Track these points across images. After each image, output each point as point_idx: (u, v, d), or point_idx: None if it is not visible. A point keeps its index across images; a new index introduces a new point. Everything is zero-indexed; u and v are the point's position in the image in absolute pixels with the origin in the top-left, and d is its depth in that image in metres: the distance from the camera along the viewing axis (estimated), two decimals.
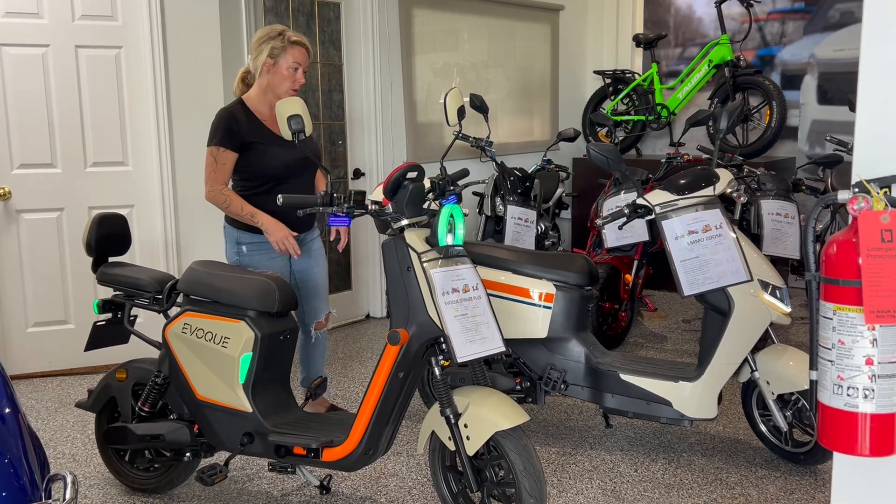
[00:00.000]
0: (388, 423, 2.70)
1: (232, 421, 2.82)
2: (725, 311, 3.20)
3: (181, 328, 2.88)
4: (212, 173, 3.25)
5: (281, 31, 3.31)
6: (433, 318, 2.55)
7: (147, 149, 4.54)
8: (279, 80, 3.31)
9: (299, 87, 3.35)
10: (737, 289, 3.17)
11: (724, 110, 3.54)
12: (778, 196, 4.59)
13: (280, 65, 3.29)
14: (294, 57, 3.29)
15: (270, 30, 3.33)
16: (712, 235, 3.20)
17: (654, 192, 3.33)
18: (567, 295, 3.40)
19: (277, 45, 3.28)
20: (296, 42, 3.30)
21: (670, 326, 5.48)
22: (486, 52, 6.42)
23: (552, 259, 3.47)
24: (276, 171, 3.30)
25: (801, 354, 3.22)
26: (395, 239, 2.63)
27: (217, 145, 3.25)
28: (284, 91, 3.33)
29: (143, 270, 3.11)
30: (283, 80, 3.31)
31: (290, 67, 3.29)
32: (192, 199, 4.61)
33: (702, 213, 3.22)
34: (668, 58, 7.15)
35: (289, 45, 3.29)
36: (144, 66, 4.46)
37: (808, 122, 6.50)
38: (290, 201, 2.57)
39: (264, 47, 3.29)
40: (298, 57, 3.31)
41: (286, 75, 3.30)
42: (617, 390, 3.36)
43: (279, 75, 3.30)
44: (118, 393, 3.06)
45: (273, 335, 2.82)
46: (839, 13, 6.28)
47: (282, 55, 3.28)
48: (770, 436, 3.40)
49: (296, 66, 3.30)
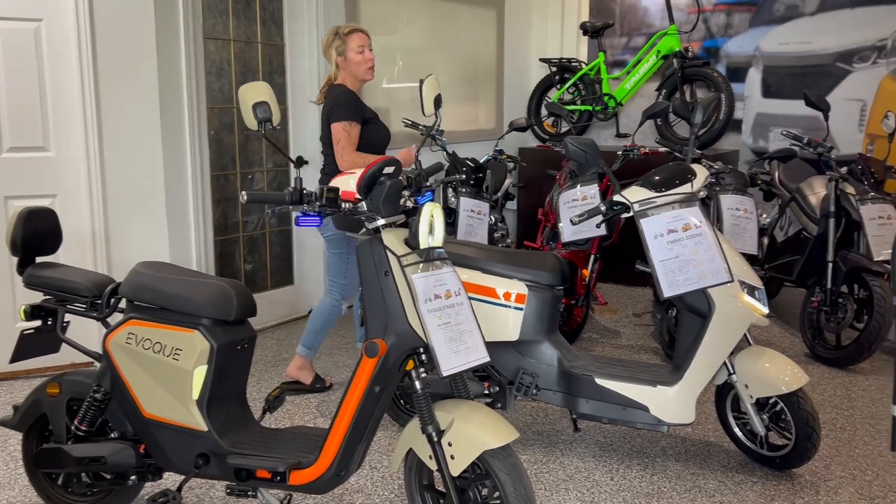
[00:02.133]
0: (362, 440, 2.47)
1: (184, 441, 2.53)
2: (704, 312, 3.08)
3: (125, 338, 2.57)
4: (346, 145, 3.65)
5: (335, 30, 3.78)
6: (414, 328, 2.33)
7: (72, 132, 4.13)
8: (355, 67, 3.75)
9: (373, 63, 3.77)
10: (717, 290, 3.05)
11: (699, 104, 3.42)
12: (736, 191, 4.54)
13: (349, 56, 3.73)
14: (355, 42, 3.73)
15: (328, 36, 3.81)
16: (692, 234, 3.08)
17: (632, 189, 3.19)
18: (539, 295, 3.22)
19: (338, 43, 3.75)
20: (350, 31, 3.75)
21: (621, 320, 5.40)
22: (431, 37, 6.18)
23: (523, 257, 3.28)
24: (383, 143, 3.77)
25: (779, 357, 3.14)
26: (370, 240, 2.40)
27: (350, 120, 3.66)
28: (364, 72, 3.77)
29: (78, 272, 2.77)
30: (358, 65, 3.75)
31: (356, 52, 3.72)
32: (124, 189, 4.23)
33: (681, 211, 3.10)
34: (613, 47, 7.07)
35: (345, 36, 3.74)
36: (69, 41, 4.04)
37: (752, 114, 6.52)
38: (255, 198, 2.30)
39: (331, 52, 3.78)
40: (358, 41, 3.73)
41: (358, 60, 3.73)
42: (592, 395, 3.20)
43: (353, 63, 3.75)
44: (50, 410, 2.72)
45: (230, 345, 2.54)
46: (784, 7, 6.30)
47: (346, 48, 3.74)
48: (745, 439, 3.32)
49: (360, 49, 3.73)
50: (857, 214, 4.42)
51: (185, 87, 4.38)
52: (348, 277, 3.88)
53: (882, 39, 5.98)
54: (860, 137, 6.11)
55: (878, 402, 3.98)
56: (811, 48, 6.22)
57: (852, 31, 6.07)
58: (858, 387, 4.20)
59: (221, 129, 4.82)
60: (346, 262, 3.86)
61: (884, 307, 4.17)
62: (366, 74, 3.79)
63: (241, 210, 5.02)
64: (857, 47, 6.06)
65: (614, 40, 7.04)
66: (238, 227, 5.02)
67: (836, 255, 4.45)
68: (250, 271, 5.12)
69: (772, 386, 3.06)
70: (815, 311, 4.56)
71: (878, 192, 4.58)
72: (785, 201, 5.20)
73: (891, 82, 5.98)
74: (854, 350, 4.31)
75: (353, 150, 3.68)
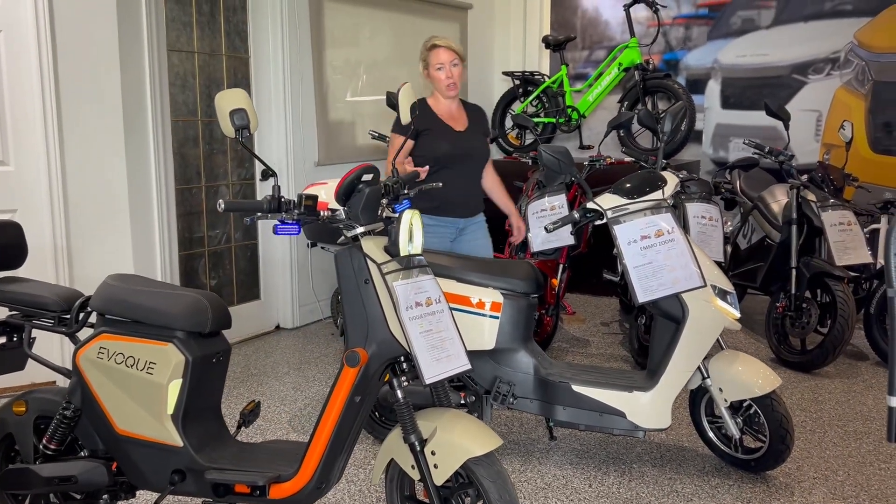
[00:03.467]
0: (342, 451, 2.43)
1: (159, 457, 2.47)
2: (678, 318, 3.11)
3: (96, 353, 2.50)
4: (389, 153, 3.90)
5: (427, 41, 3.81)
6: (395, 336, 2.30)
7: (32, 146, 4.03)
8: (435, 81, 3.79)
9: (452, 82, 3.74)
10: (690, 295, 3.08)
11: (668, 113, 3.47)
12: (702, 199, 4.61)
13: (430, 71, 3.78)
14: (437, 59, 3.74)
15: (422, 45, 3.83)
16: (665, 240, 3.11)
17: (604, 196, 3.22)
18: (514, 303, 3.21)
19: (423, 53, 3.80)
20: (434, 45, 3.76)
21: (590, 329, 5.43)
22: (395, 50, 6.19)
23: (498, 266, 3.28)
24: (441, 156, 3.72)
25: (752, 360, 3.18)
26: (350, 248, 2.37)
27: (393, 131, 3.80)
28: (443, 88, 3.77)
29: (45, 286, 2.69)
30: (437, 81, 3.77)
31: (435, 68, 3.75)
32: (87, 202, 4.14)
33: (653, 218, 3.13)
34: (574, 60, 7.15)
35: (429, 52, 3.76)
36: (29, 53, 3.95)
37: (711, 125, 6.64)
38: (232, 206, 2.25)
39: (420, 60, 3.83)
40: (440, 58, 3.73)
41: (438, 76, 3.76)
42: (568, 402, 3.20)
43: (433, 77, 3.79)
44: (17, 429, 2.63)
45: (205, 358, 2.49)
46: (741, 20, 6.45)
47: (429, 61, 3.76)
48: (719, 443, 3.35)
49: (440, 66, 3.73)
50: (818, 221, 4.52)
51: (150, 100, 4.31)
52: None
53: (835, 52, 6.16)
54: (817, 147, 6.26)
55: (844, 405, 4.06)
56: (768, 60, 6.37)
57: (806, 44, 6.23)
58: (825, 389, 4.27)
59: (186, 142, 4.75)
60: None
61: (847, 311, 4.26)
62: (444, 91, 3.77)
63: (205, 224, 4.94)
64: (812, 59, 6.23)
65: (576, 53, 7.13)
66: (203, 242, 4.94)
67: (799, 262, 4.54)
68: (216, 286, 5.03)
69: (746, 389, 3.10)
70: (780, 317, 4.64)
71: (838, 199, 4.69)
72: (747, 209, 5.30)
73: (845, 93, 6.15)
74: (819, 354, 4.39)
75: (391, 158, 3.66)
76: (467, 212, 3.85)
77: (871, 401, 4.11)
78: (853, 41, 6.08)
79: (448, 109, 3.85)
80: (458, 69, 3.75)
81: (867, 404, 4.06)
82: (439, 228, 3.80)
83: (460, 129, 3.82)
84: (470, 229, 3.88)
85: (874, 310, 4.62)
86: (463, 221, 3.84)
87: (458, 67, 3.76)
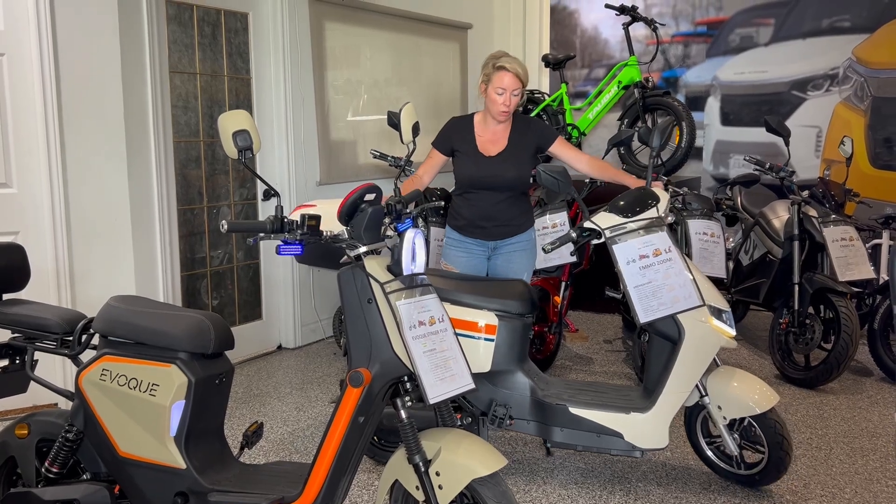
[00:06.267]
0: (346, 472, 2.42)
1: (162, 479, 2.45)
2: (675, 338, 3.10)
3: (99, 375, 2.49)
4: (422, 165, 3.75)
5: (497, 55, 3.56)
6: (399, 356, 2.30)
7: (35, 168, 4.04)
8: (490, 101, 3.56)
9: (507, 110, 3.53)
10: (686, 315, 3.08)
11: (655, 128, 3.49)
12: (703, 216, 4.61)
13: (489, 91, 3.55)
14: (499, 82, 3.50)
15: (491, 56, 3.59)
16: (663, 260, 3.11)
17: (600, 215, 3.22)
18: (509, 325, 3.20)
19: (488, 69, 3.55)
20: (500, 67, 3.49)
21: (593, 347, 5.41)
22: (396, 70, 6.22)
23: (492, 287, 3.27)
24: (466, 179, 3.65)
25: (749, 376, 3.18)
26: (352, 268, 2.37)
27: (433, 145, 3.75)
28: (496, 112, 3.56)
29: (48, 308, 2.69)
30: (493, 103, 3.55)
31: (496, 91, 3.51)
32: (89, 224, 4.14)
33: (651, 237, 3.13)
34: (574, 78, 7.18)
35: (494, 70, 3.51)
36: (32, 75, 3.97)
37: (712, 142, 6.66)
38: (235, 227, 2.26)
39: (483, 72, 3.60)
40: (504, 83, 3.49)
41: (494, 98, 3.53)
42: (566, 424, 3.20)
43: (490, 98, 3.56)
44: (19, 452, 2.62)
45: (208, 379, 2.48)
46: (739, 38, 6.48)
47: (491, 79, 3.52)
48: (718, 461, 3.33)
49: (501, 91, 3.50)
50: (820, 237, 4.52)
51: (152, 121, 4.33)
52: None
53: (833, 68, 6.18)
54: (817, 163, 6.27)
55: (849, 421, 4.03)
56: (767, 77, 6.40)
57: (805, 60, 6.26)
58: (830, 406, 4.25)
59: (188, 163, 4.76)
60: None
61: (850, 327, 4.25)
62: (496, 115, 3.59)
63: (208, 244, 4.95)
64: (811, 76, 6.25)
65: (575, 72, 7.16)
66: (205, 262, 4.94)
67: (802, 277, 4.54)
68: (217, 306, 5.03)
69: (745, 406, 3.09)
70: (784, 333, 4.63)
71: (839, 215, 4.69)
72: (749, 225, 5.30)
73: (844, 109, 6.17)
74: (823, 370, 4.38)
75: (421, 170, 3.75)
76: (493, 235, 3.72)
77: (876, 417, 4.08)
78: (851, 57, 6.11)
79: (492, 131, 3.69)
80: (517, 98, 3.55)
81: (873, 420, 4.04)
82: (469, 245, 3.75)
83: (494, 153, 3.65)
84: (504, 250, 3.75)
85: (878, 325, 4.61)
86: (493, 243, 3.74)
87: (518, 97, 3.55)
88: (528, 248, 3.79)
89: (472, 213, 3.69)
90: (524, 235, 3.77)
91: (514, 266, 3.75)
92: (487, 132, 3.69)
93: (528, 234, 3.78)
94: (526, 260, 3.78)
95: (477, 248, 3.76)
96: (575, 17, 7.18)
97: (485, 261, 3.78)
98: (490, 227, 3.70)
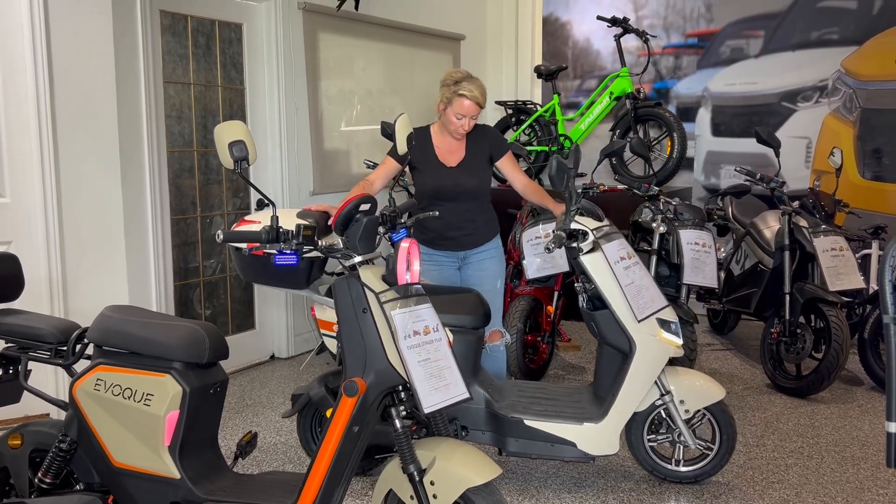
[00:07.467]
0: (341, 482, 2.42)
1: (156, 490, 2.45)
2: (626, 350, 3.22)
3: (93, 385, 2.49)
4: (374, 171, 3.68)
5: (458, 79, 3.55)
6: (393, 365, 2.31)
7: (28, 178, 4.03)
8: (448, 121, 3.60)
9: (464, 132, 3.60)
10: (637, 330, 3.19)
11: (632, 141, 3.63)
12: (695, 226, 4.64)
13: (448, 112, 3.57)
14: (459, 108, 3.53)
15: (450, 75, 3.60)
16: (636, 262, 3.37)
17: (582, 218, 3.31)
18: (463, 339, 3.26)
19: (449, 94, 3.55)
20: (461, 94, 3.51)
21: (585, 356, 5.43)
22: (389, 80, 6.25)
23: (444, 302, 3.31)
24: (430, 191, 3.67)
25: (697, 373, 3.35)
26: (348, 278, 2.38)
27: (388, 153, 3.66)
28: (453, 131, 3.62)
29: (42, 318, 2.69)
30: (451, 124, 3.59)
31: (455, 116, 3.55)
32: (83, 234, 4.14)
33: (622, 240, 3.32)
34: (566, 89, 7.23)
35: (454, 96, 3.53)
36: (26, 87, 3.97)
37: (703, 153, 6.71)
38: (231, 237, 2.27)
39: (443, 90, 3.59)
40: (464, 109, 3.53)
41: (452, 121, 3.57)
42: (521, 435, 3.27)
43: (448, 118, 3.59)
44: (12, 462, 2.61)
45: (203, 389, 2.49)
46: (730, 49, 6.54)
47: (451, 103, 3.55)
48: (659, 461, 3.40)
49: (460, 116, 3.54)
50: (811, 247, 4.55)
51: (146, 131, 4.33)
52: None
53: (823, 80, 6.24)
54: (807, 174, 6.33)
55: (840, 430, 4.06)
56: (757, 88, 6.45)
57: (795, 72, 6.32)
58: (821, 415, 4.28)
59: (182, 173, 4.76)
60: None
61: (841, 336, 4.28)
62: (452, 135, 3.65)
63: (201, 254, 4.95)
64: (801, 87, 6.31)
65: (568, 83, 7.21)
66: (199, 272, 4.94)
67: (793, 287, 4.57)
68: (210, 316, 5.02)
69: (706, 396, 3.25)
70: (775, 343, 4.66)
71: (829, 225, 4.73)
72: (740, 236, 5.34)
73: (833, 120, 6.23)
74: (814, 379, 4.40)
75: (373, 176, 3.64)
76: (462, 245, 3.75)
77: (867, 426, 4.11)
78: (840, 69, 6.17)
79: (449, 142, 3.73)
80: (475, 121, 3.61)
81: (863, 429, 4.06)
82: (439, 258, 3.76)
83: (453, 164, 3.70)
84: (473, 259, 3.78)
85: (868, 335, 4.64)
86: (462, 253, 3.77)
87: (476, 119, 3.61)
88: (497, 255, 3.83)
89: (438, 225, 3.69)
90: (492, 243, 3.82)
91: (488, 273, 3.77)
92: (445, 143, 3.72)
93: (495, 241, 3.84)
94: (497, 266, 3.81)
95: (447, 259, 3.77)
96: (567, 29, 7.24)
97: (456, 272, 3.80)
98: (459, 237, 3.72)
